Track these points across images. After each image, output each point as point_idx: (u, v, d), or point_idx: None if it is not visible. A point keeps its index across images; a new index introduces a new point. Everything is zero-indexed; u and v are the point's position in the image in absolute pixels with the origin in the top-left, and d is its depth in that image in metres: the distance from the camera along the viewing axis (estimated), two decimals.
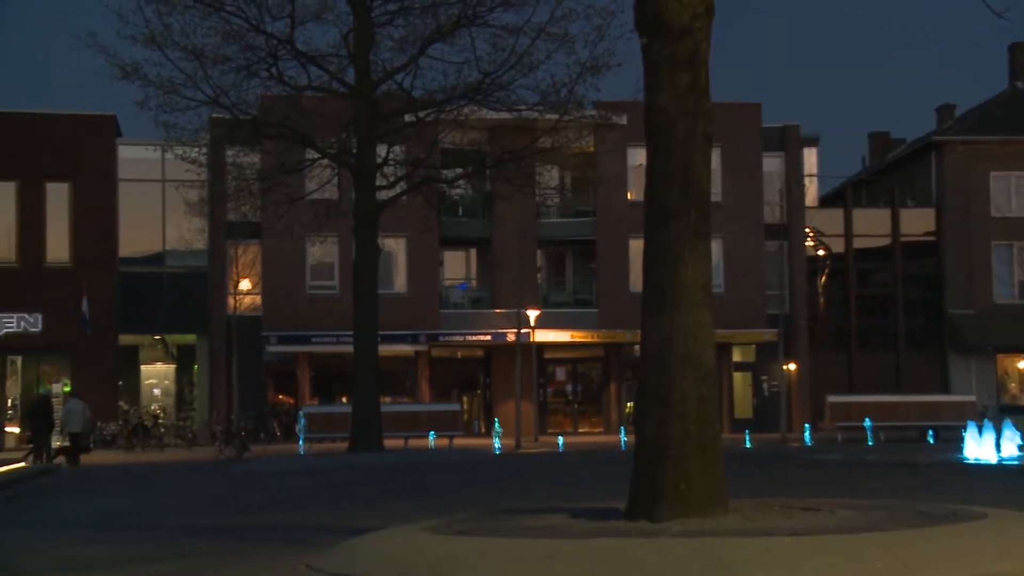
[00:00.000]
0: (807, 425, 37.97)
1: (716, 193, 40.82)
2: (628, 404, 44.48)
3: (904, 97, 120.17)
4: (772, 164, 46.61)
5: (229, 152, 33.95)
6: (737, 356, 46.16)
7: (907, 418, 37.32)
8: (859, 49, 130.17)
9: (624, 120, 38.31)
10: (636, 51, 9.67)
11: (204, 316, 42.60)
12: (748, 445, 33.11)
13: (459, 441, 35.98)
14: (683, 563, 7.57)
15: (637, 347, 11.59)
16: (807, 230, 46.85)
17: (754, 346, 45.82)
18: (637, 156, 40.74)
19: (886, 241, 48.13)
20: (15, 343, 41.15)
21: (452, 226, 44.30)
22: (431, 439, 34.73)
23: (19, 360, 42.44)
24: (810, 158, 48.15)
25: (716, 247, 41.57)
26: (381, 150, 31.65)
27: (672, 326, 9.22)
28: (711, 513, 8.94)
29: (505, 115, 33.03)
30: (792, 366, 44.32)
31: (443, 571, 8.08)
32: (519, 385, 39.05)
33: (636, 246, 40.01)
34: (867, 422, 35.80)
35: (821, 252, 47.86)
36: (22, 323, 41.00)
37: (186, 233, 41.59)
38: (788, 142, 46.73)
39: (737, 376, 46.30)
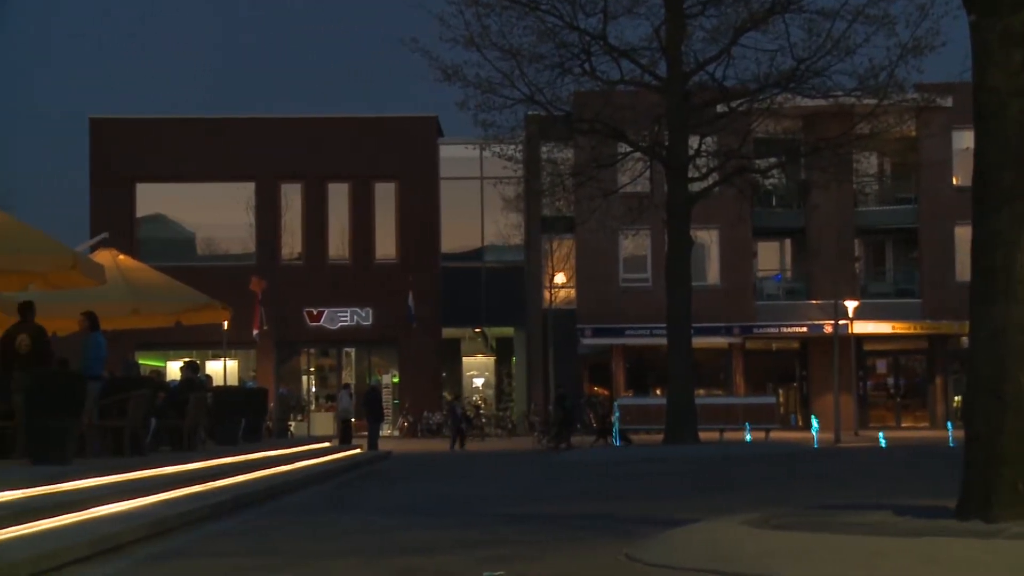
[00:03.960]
0: None
1: None
2: (956, 398, 42.50)
3: None
4: None
5: (544, 148, 34.71)
6: None
7: None
8: None
9: (949, 102, 36.66)
10: (963, 29, 9.23)
11: (521, 309, 43.76)
12: None
13: (775, 434, 35.42)
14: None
15: (964, 339, 11.09)
16: None
17: None
18: (964, 139, 38.79)
19: None
20: (349, 336, 43.68)
21: (766, 216, 43.63)
22: (747, 432, 34.36)
23: (352, 352, 44.99)
24: None
25: None
26: (693, 142, 31.56)
27: (1005, 317, 8.76)
28: None
29: (821, 102, 32.28)
30: None
31: (763, 566, 7.97)
32: (837, 378, 38.01)
33: (962, 233, 38.23)
34: None
35: None
36: (355, 317, 43.44)
37: (503, 228, 42.95)
38: None
39: None
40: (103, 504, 11.70)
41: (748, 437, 34.14)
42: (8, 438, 15.27)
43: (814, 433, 33.82)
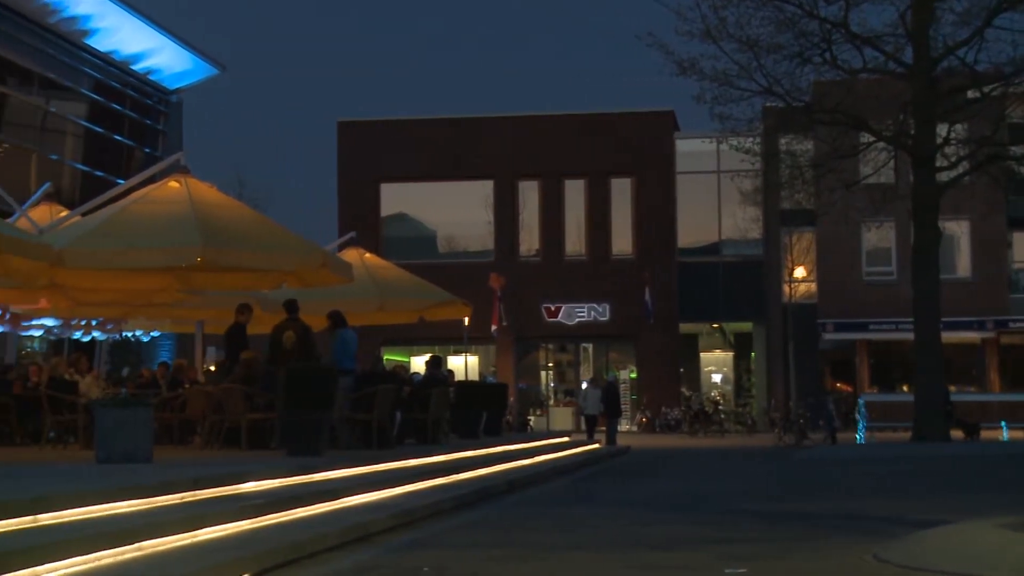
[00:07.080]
0: None
1: None
2: None
3: None
4: None
5: (782, 140, 34.07)
6: None
7: None
8: None
9: None
10: None
11: (760, 304, 43.07)
12: None
13: None
14: None
15: None
16: None
17: None
18: None
19: None
20: (586, 331, 43.96)
21: (1022, 206, 41.52)
22: (1003, 430, 32.90)
23: (590, 347, 45.26)
24: None
25: None
26: (941, 130, 30.42)
27: None
28: None
29: None
30: None
31: None
32: None
33: None
34: None
35: None
36: (592, 313, 43.69)
37: (740, 222, 42.37)
38: None
39: None
40: (352, 495, 12.15)
41: (1005, 436, 32.65)
42: (266, 430, 16.06)
43: None
